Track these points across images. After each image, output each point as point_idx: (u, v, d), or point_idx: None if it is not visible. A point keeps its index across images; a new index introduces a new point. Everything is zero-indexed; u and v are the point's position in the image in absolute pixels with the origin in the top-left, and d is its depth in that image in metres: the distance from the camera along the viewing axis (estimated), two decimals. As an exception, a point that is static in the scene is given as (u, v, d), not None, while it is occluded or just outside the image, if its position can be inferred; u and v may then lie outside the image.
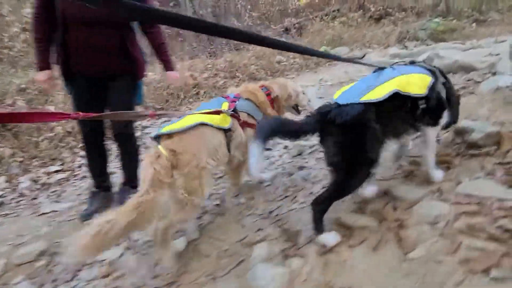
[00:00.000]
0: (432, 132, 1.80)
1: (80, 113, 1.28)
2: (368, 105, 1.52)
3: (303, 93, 2.48)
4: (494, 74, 3.75)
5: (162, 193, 1.55)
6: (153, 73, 5.36)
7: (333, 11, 11.83)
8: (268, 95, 2.17)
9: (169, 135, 1.69)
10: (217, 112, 1.81)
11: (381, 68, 1.79)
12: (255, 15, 12.52)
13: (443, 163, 1.97)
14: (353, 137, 1.52)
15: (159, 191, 1.54)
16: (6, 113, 1.01)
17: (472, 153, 1.96)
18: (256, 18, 12.56)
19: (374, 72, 1.79)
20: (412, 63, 1.89)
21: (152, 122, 4.76)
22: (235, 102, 1.98)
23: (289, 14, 12.28)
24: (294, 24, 10.82)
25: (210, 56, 8.61)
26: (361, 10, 11.91)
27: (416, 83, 1.63)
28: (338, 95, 1.65)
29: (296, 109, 2.46)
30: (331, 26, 9.78)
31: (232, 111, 1.90)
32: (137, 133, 3.20)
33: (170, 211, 1.69)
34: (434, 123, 1.78)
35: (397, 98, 1.57)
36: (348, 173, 1.56)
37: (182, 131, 1.68)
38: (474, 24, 8.52)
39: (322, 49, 7.60)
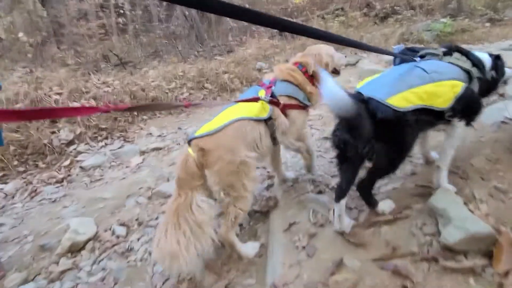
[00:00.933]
0: (461, 129, 1.73)
1: (111, 105, 1.22)
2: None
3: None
4: (502, 96, 2.88)
5: (193, 195, 1.56)
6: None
7: (336, 9, 11.00)
8: (305, 72, 1.99)
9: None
10: (255, 100, 1.73)
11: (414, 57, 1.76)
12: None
13: (398, 274, 1.19)
14: (395, 130, 1.54)
15: (189, 193, 1.56)
16: (38, 109, 1.00)
17: (446, 266, 1.17)
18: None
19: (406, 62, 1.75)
20: (448, 53, 1.75)
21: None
22: (271, 87, 1.85)
23: (290, 12, 11.48)
24: (289, 25, 9.97)
25: (204, 58, 7.98)
26: (366, 8, 11.04)
27: (443, 94, 1.56)
28: (363, 85, 1.65)
29: (335, 71, 2.24)
30: (329, 26, 8.91)
31: (270, 97, 1.78)
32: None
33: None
34: (467, 122, 1.71)
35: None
36: (388, 160, 1.60)
37: (215, 131, 1.62)
38: (488, 24, 7.49)
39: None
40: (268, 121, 1.78)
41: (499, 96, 2.88)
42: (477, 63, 1.73)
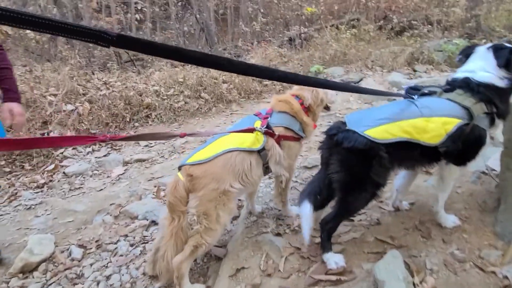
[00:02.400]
0: (453, 171, 1.71)
1: (108, 135, 1.19)
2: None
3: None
4: (492, 139, 2.72)
5: (185, 218, 1.66)
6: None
7: (352, 19, 10.80)
8: (301, 104, 2.05)
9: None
10: (250, 130, 1.77)
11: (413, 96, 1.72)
12: (266, 20, 11.75)
13: None
14: (359, 161, 1.55)
15: (181, 216, 1.66)
16: (37, 138, 0.97)
17: None
18: (267, 22, 11.79)
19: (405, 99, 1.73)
20: (449, 90, 1.71)
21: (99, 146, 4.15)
22: (268, 118, 1.91)
23: (304, 20, 11.34)
24: (300, 34, 9.87)
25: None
26: (383, 21, 10.81)
27: (433, 130, 1.54)
28: (349, 116, 1.68)
29: (327, 108, 2.32)
30: (340, 38, 8.74)
31: (265, 128, 1.83)
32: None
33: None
34: (460, 162, 1.70)
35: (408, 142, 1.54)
36: (352, 193, 1.60)
37: (206, 161, 1.67)
38: (504, 48, 7.18)
39: (314, 68, 6.66)
40: (261, 152, 1.81)
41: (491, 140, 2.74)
42: (486, 97, 1.63)
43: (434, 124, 1.55)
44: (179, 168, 1.74)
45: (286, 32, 10.77)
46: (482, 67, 1.72)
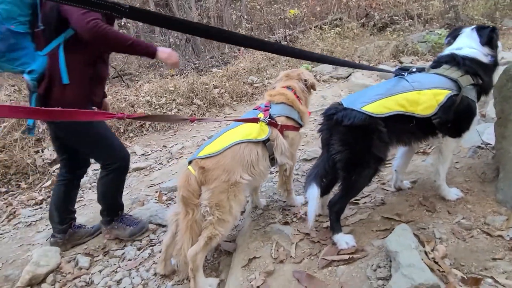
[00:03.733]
0: (450, 144, 1.77)
1: (125, 113, 1.23)
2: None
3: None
4: (483, 116, 2.80)
5: (199, 211, 1.68)
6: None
7: (335, 19, 10.98)
8: (294, 93, 2.11)
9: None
10: (255, 120, 1.83)
11: (403, 73, 1.78)
12: (250, 26, 11.88)
13: None
14: (360, 137, 1.58)
15: (195, 210, 1.68)
16: (56, 110, 0.98)
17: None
18: (252, 28, 11.91)
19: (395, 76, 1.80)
20: (435, 66, 1.80)
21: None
22: (268, 110, 1.95)
23: (288, 23, 11.50)
24: (285, 36, 10.00)
25: (198, 72, 8.03)
26: (365, 18, 11.04)
27: (425, 102, 1.61)
28: (344, 98, 1.74)
29: (313, 87, 2.31)
30: (325, 37, 8.89)
31: (268, 118, 1.88)
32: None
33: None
34: (455, 134, 1.74)
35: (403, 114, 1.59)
36: (355, 170, 1.62)
37: (216, 154, 1.71)
38: (484, 35, 7.39)
39: (303, 67, 6.74)
40: (266, 143, 1.84)
41: (480, 116, 2.81)
42: (471, 70, 1.72)
43: (426, 96, 1.62)
44: (189, 162, 1.78)
45: (271, 36, 10.88)
46: (467, 44, 1.83)
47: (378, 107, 1.58)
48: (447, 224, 1.63)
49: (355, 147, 1.59)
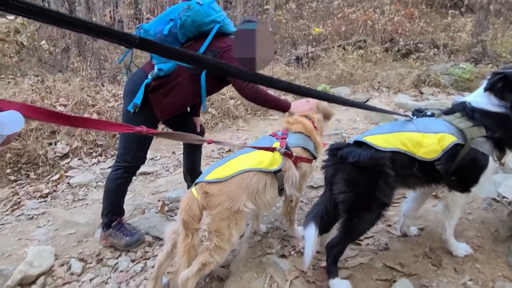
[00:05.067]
0: (457, 199, 1.68)
1: (144, 127, 1.25)
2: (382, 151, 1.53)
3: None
4: (502, 165, 2.68)
5: (195, 236, 1.65)
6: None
7: (359, 41, 10.95)
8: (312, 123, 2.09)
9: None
10: (271, 149, 1.80)
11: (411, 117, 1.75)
12: (274, 38, 11.96)
13: None
14: (365, 178, 1.54)
15: (195, 234, 1.65)
16: (74, 116, 0.95)
17: None
18: (275, 41, 11.99)
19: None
20: (449, 112, 1.73)
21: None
22: (285, 139, 1.92)
23: (311, 40, 11.52)
24: (307, 53, 10.01)
25: None
26: (389, 43, 10.95)
27: (429, 145, 1.56)
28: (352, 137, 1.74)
29: (328, 117, 2.31)
30: (347, 58, 8.85)
31: (285, 148, 1.84)
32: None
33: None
34: (463, 188, 1.66)
35: (406, 155, 1.55)
36: (357, 214, 1.57)
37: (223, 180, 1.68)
38: None
39: (320, 88, 6.72)
40: (277, 173, 1.80)
41: (499, 165, 2.69)
42: (481, 121, 1.61)
43: (430, 140, 1.57)
44: (195, 184, 1.76)
45: (293, 51, 10.93)
46: (475, 93, 1.75)
47: (379, 140, 1.55)
48: (452, 284, 1.54)
49: (359, 189, 1.54)
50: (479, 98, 1.67)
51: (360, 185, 1.55)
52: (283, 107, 2.17)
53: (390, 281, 1.60)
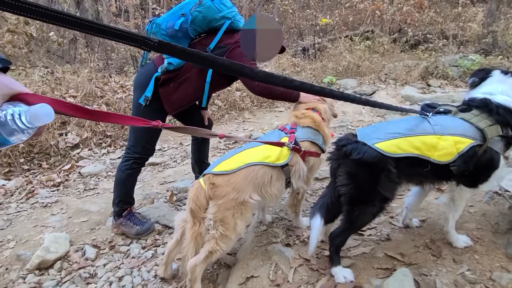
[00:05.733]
0: (464, 193, 1.71)
1: (160, 122, 1.27)
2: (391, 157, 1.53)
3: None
4: (506, 158, 2.70)
5: (202, 225, 1.74)
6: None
7: (367, 31, 10.80)
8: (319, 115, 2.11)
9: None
10: (280, 144, 1.83)
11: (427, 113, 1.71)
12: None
13: None
14: (366, 173, 1.56)
15: (202, 222, 1.74)
16: (97, 111, 0.97)
17: None
18: (282, 31, 11.87)
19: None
20: (465, 109, 1.70)
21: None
22: (294, 133, 1.94)
23: (318, 31, 11.40)
24: (314, 44, 9.92)
25: None
26: (398, 33, 10.79)
27: (444, 148, 1.55)
28: (361, 129, 1.71)
29: (335, 115, 2.34)
30: (354, 49, 8.76)
31: (293, 143, 1.87)
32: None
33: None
34: (472, 184, 1.68)
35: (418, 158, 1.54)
36: (359, 207, 1.61)
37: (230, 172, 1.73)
38: (522, 65, 7.09)
39: (326, 79, 6.70)
40: (284, 167, 1.85)
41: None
42: (504, 120, 1.61)
43: (446, 142, 1.55)
44: (203, 175, 1.82)
45: (300, 42, 10.84)
46: (501, 90, 1.70)
47: (392, 147, 1.53)
48: (450, 274, 1.60)
49: (361, 183, 1.58)
50: (507, 98, 1.65)
51: (361, 178, 1.59)
52: (293, 98, 2.19)
53: (390, 269, 1.66)
